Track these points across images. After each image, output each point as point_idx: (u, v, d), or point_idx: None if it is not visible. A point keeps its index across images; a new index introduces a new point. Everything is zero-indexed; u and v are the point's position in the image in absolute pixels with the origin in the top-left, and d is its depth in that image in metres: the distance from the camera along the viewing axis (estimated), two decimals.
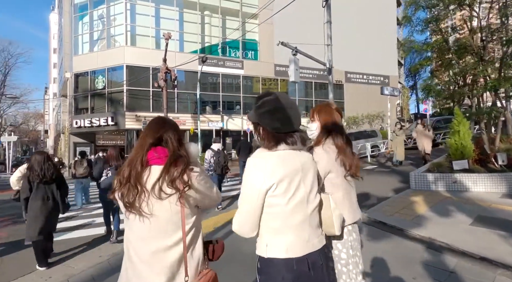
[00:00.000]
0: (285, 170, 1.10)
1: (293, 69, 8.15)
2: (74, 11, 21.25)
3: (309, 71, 24.87)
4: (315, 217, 1.19)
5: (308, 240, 1.13)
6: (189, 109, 21.26)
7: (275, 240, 1.11)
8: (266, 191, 1.09)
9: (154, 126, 1.23)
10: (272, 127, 1.13)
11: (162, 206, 1.12)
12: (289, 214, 1.11)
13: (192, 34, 21.55)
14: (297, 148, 1.16)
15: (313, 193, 1.18)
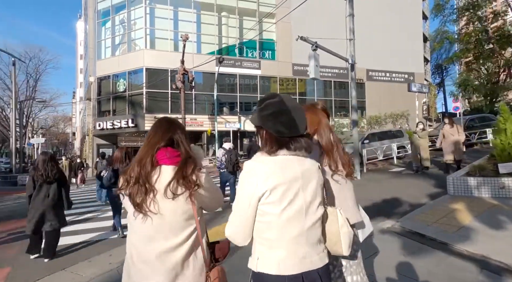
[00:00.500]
0: (282, 177, 1.01)
1: (313, 66, 7.69)
2: (98, 17, 22.05)
3: (329, 70, 24.11)
4: (316, 232, 1.07)
5: (304, 257, 1.01)
6: (207, 110, 21.29)
7: (267, 253, 1.02)
8: (258, 197, 1.01)
9: (164, 127, 1.23)
10: (275, 130, 1.05)
11: (171, 205, 1.12)
12: (283, 225, 1.01)
13: (209, 36, 21.61)
14: (301, 154, 1.07)
15: (315, 204, 1.06)
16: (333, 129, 1.58)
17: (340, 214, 1.14)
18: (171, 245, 1.11)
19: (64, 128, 60.72)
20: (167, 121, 1.28)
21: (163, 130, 1.22)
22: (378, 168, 9.56)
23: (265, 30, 21.53)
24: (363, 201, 5.37)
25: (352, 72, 8.50)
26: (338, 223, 1.12)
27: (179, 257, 1.12)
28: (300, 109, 1.11)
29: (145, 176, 1.12)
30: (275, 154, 1.05)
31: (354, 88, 8.51)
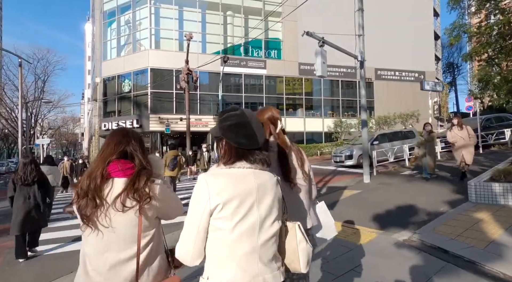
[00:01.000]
0: (235, 190, 0.98)
1: (319, 63, 7.27)
2: (103, 18, 22.08)
3: (336, 69, 23.59)
4: (271, 249, 1.03)
5: (257, 275, 0.98)
6: (212, 110, 21.04)
7: (217, 272, 0.98)
8: (210, 211, 0.97)
9: (116, 140, 1.21)
10: (236, 141, 1.04)
11: (122, 218, 1.12)
12: (234, 241, 0.97)
13: (214, 35, 21.38)
14: (259, 167, 1.05)
15: (270, 219, 1.03)
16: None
17: (299, 229, 1.10)
18: (124, 257, 1.12)
19: (73, 129, 61.66)
20: (121, 133, 1.25)
21: (115, 142, 1.20)
22: (388, 171, 9.08)
23: (270, 28, 21.17)
24: (373, 207, 4.96)
25: (361, 70, 8.04)
26: (296, 239, 1.08)
27: (132, 269, 1.12)
28: (259, 123, 1.11)
29: (95, 189, 1.11)
30: (232, 165, 1.03)
31: (364, 86, 8.07)
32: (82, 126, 56.58)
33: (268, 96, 22.36)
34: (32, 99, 26.96)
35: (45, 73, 26.91)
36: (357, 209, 5.12)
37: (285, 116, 22.44)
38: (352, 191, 6.63)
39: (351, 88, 24.68)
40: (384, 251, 3.16)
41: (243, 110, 1.12)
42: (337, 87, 24.28)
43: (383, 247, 3.25)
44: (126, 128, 1.32)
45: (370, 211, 4.80)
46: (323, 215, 1.68)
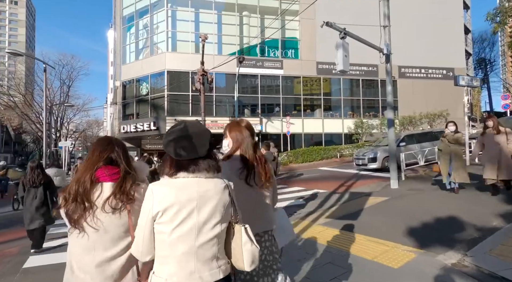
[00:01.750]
0: (175, 198, 1.09)
1: (341, 56, 6.63)
2: (123, 23, 22.61)
3: (356, 68, 22.57)
4: (210, 250, 1.13)
5: (193, 272, 1.08)
6: (228, 112, 20.81)
7: (159, 269, 1.11)
8: (152, 217, 1.10)
9: (101, 147, 1.33)
10: (175, 154, 1.14)
11: (111, 219, 1.23)
12: (173, 243, 1.09)
13: (230, 36, 21.18)
14: (203, 175, 1.15)
15: (211, 223, 1.13)
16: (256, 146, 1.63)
17: (244, 231, 1.18)
18: (111, 255, 1.23)
19: (97, 132, 64.33)
20: (105, 141, 1.38)
21: (100, 150, 1.32)
22: (418, 175, 8.21)
23: (287, 26, 20.63)
24: (406, 218, 4.24)
25: (387, 65, 7.30)
26: (241, 240, 1.17)
27: (118, 265, 1.23)
28: (203, 135, 1.18)
29: (84, 193, 1.22)
30: (175, 176, 1.15)
31: (390, 82, 7.30)
32: (105, 129, 58.81)
33: (285, 97, 21.78)
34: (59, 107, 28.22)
35: (69, 79, 28.09)
36: (386, 219, 4.46)
37: (303, 117, 21.75)
38: (378, 198, 5.93)
39: (372, 88, 23.52)
40: (429, 278, 2.53)
41: (186, 124, 1.20)
42: (357, 86, 23.21)
43: (426, 273, 2.62)
44: (110, 137, 1.43)
45: (402, 222, 4.13)
46: (282, 220, 1.83)
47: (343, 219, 4.68)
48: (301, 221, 4.82)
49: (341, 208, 5.52)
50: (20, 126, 42.78)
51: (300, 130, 21.50)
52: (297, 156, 17.97)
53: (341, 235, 3.89)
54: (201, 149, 1.14)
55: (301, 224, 4.63)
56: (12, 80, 26.34)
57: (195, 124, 1.22)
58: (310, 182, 9.61)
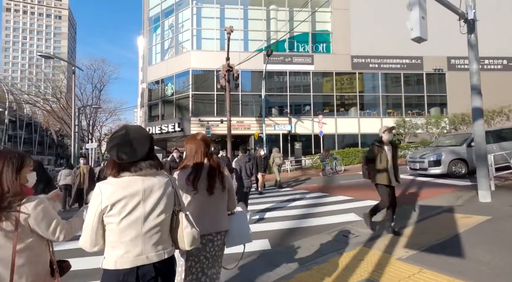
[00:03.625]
0: (122, 194, 1.25)
1: (417, 18, 4.79)
2: (149, 24, 22.52)
3: (397, 60, 20.28)
4: (156, 234, 1.30)
5: (140, 254, 1.25)
6: (254, 112, 19.60)
7: (110, 253, 1.26)
8: (101, 211, 1.25)
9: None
10: (117, 157, 1.27)
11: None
12: (121, 231, 1.25)
13: (257, 32, 20.04)
14: (144, 173, 1.30)
15: (156, 212, 1.29)
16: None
17: (185, 218, 1.37)
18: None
19: None
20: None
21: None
22: (510, 184, 6.22)
23: (318, 19, 18.98)
24: None
25: (470, 36, 5.49)
26: (183, 225, 1.36)
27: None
28: (142, 139, 1.32)
29: None
30: (119, 176, 1.29)
31: (476, 59, 5.49)
32: None
33: (315, 95, 20.07)
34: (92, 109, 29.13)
35: (101, 83, 28.88)
36: (510, 256, 2.80)
37: (336, 116, 19.86)
38: (472, 217, 4.20)
39: (416, 83, 20.93)
40: None
41: (127, 129, 1.33)
42: (397, 82, 20.79)
43: None
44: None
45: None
46: (240, 223, 1.95)
47: (436, 251, 3.09)
48: (367, 250, 3.31)
49: (420, 231, 3.90)
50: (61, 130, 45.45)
51: (333, 130, 19.63)
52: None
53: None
54: (140, 153, 1.30)
55: (370, 256, 3.12)
56: (49, 86, 27.68)
57: (136, 130, 1.35)
58: (356, 189, 7.95)
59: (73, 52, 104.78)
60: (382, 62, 20.24)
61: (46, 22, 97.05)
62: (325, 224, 4.80)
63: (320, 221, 4.98)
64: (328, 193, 7.70)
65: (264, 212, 6.02)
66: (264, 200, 7.37)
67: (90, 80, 28.26)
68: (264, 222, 5.15)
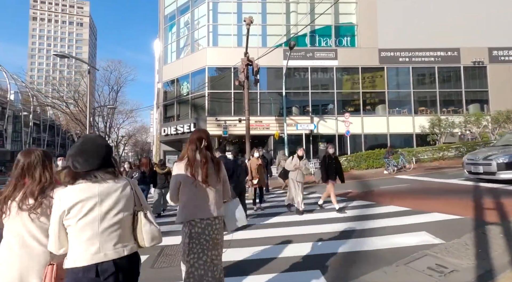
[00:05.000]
0: (77, 198, 1.32)
1: None
2: (165, 22, 22.00)
3: (430, 53, 18.51)
4: (114, 232, 1.35)
5: (97, 252, 1.30)
6: (273, 111, 18.45)
7: (70, 253, 1.33)
8: (59, 215, 1.32)
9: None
10: (72, 166, 1.36)
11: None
12: (79, 231, 1.31)
13: (276, 26, 18.93)
14: (99, 180, 1.36)
15: (112, 213, 1.35)
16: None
17: (143, 216, 1.44)
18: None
19: (146, 138, 67.65)
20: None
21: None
22: None
23: (342, 11, 17.62)
24: None
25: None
26: (141, 223, 1.43)
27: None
28: (96, 150, 1.39)
29: None
30: (75, 183, 1.36)
31: None
32: (151, 135, 61.34)
33: (340, 92, 18.64)
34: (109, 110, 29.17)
35: (117, 84, 28.83)
36: None
37: (363, 115, 18.32)
38: None
39: (452, 77, 19.01)
40: None
41: (83, 140, 1.42)
42: (431, 76, 18.96)
43: None
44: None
45: None
46: (236, 209, 2.26)
47: None
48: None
49: None
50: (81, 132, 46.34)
51: (359, 130, 18.10)
52: (359, 160, 14.68)
53: None
54: (93, 163, 1.37)
55: None
56: (70, 90, 27.96)
57: (91, 140, 1.43)
58: (403, 196, 6.58)
59: (93, 57, 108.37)
60: (413, 55, 18.51)
61: (69, 29, 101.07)
62: (392, 247, 3.54)
63: (383, 242, 3.72)
64: (373, 201, 6.36)
65: (297, 225, 4.82)
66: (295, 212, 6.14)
67: (107, 82, 28.26)
68: (304, 241, 3.95)
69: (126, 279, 1.35)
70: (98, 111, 27.79)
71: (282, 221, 5.23)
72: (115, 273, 1.30)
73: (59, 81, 34.52)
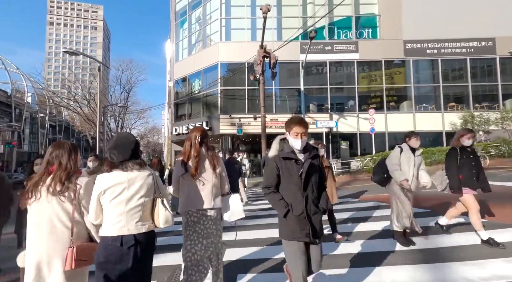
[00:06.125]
0: (111, 183, 1.69)
1: None
2: (176, 18, 21.40)
3: (462, 44, 17.01)
4: (136, 213, 1.70)
5: (123, 227, 1.66)
6: (288, 108, 17.41)
7: (104, 225, 1.70)
8: (98, 194, 1.69)
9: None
10: (110, 157, 1.74)
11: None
12: (110, 209, 1.69)
13: (292, 19, 17.90)
14: (132, 169, 1.73)
15: (136, 197, 1.71)
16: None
17: (160, 202, 1.77)
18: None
19: (157, 139, 67.90)
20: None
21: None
22: None
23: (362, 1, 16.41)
24: None
25: None
26: (158, 208, 1.76)
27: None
28: (127, 145, 1.77)
29: None
30: (111, 171, 1.74)
31: None
32: (163, 136, 61.37)
33: (361, 87, 17.40)
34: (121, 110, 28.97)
35: (129, 84, 28.58)
36: None
37: (386, 111, 17.01)
38: None
39: (486, 70, 17.39)
40: None
41: (117, 137, 1.83)
42: (462, 69, 17.42)
43: None
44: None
45: None
46: (234, 203, 2.42)
47: None
48: None
49: None
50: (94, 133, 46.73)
51: (382, 128, 16.79)
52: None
53: None
54: (125, 155, 1.74)
55: None
56: (85, 92, 27.96)
57: (124, 137, 1.83)
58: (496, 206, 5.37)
59: (107, 60, 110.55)
60: (442, 46, 17.05)
61: (84, 33, 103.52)
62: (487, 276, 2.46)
63: (472, 270, 2.64)
64: (429, 209, 5.22)
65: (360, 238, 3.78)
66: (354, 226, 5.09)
67: (118, 82, 28.03)
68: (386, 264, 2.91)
69: (143, 250, 1.70)
70: (110, 111, 27.56)
71: None
72: (134, 244, 1.66)
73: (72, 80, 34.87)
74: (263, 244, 3.79)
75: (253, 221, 5.21)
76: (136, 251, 1.63)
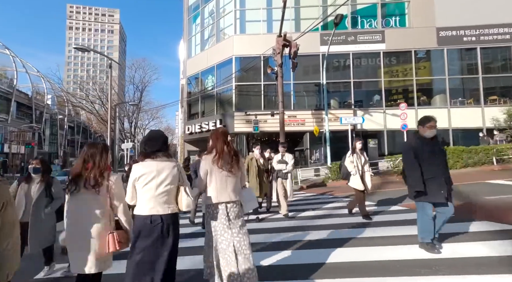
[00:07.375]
0: (143, 171, 2.13)
1: None
2: (188, 13, 20.66)
3: (503, 30, 15.17)
4: (164, 197, 2.13)
5: (152, 207, 2.10)
6: (307, 105, 16.17)
7: (138, 206, 2.15)
8: (133, 180, 2.15)
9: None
10: (143, 148, 2.22)
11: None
12: (143, 193, 2.13)
13: (311, 8, 16.65)
14: (160, 160, 2.17)
15: (164, 184, 2.13)
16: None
17: (183, 190, 2.20)
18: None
19: (171, 139, 68.22)
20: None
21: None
22: None
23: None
24: None
25: None
26: (181, 194, 2.19)
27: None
28: (157, 138, 2.24)
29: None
30: (144, 161, 2.18)
31: None
32: (176, 136, 61.36)
33: (389, 80, 15.88)
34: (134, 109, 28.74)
35: (142, 83, 28.25)
36: None
37: (417, 107, 15.42)
38: None
39: None
40: None
41: (150, 133, 2.34)
42: (505, 58, 15.52)
43: None
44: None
45: None
46: (249, 194, 2.71)
47: None
48: None
49: None
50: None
51: (413, 125, 15.12)
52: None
53: None
54: (155, 147, 2.18)
55: None
56: (103, 94, 27.97)
57: (155, 132, 2.33)
58: None
59: (123, 62, 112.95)
60: (482, 33, 15.26)
61: (101, 37, 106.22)
62: None
63: None
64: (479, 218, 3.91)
65: None
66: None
67: (131, 81, 27.74)
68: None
69: (168, 228, 2.12)
70: (124, 111, 27.34)
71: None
72: (161, 222, 2.09)
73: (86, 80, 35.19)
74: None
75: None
76: (162, 228, 2.09)
